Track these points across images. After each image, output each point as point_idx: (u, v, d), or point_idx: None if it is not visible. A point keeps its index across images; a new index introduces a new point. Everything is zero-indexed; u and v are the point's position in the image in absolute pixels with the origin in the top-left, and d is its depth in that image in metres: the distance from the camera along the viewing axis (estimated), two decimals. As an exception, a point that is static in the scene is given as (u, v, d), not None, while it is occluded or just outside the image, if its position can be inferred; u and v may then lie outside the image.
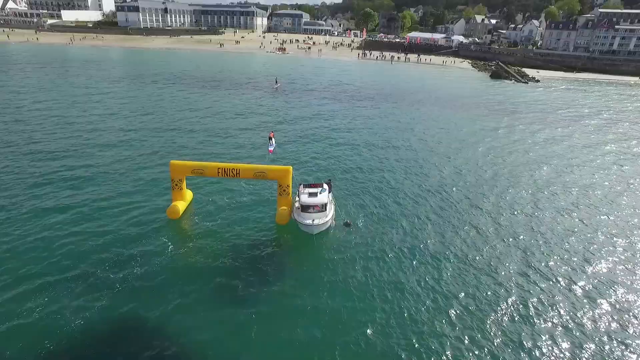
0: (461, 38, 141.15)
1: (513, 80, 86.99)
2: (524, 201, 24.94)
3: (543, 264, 18.53)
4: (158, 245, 17.96)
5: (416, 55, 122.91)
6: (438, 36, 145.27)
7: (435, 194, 25.05)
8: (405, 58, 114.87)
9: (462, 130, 41.79)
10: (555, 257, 19.16)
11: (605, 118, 53.76)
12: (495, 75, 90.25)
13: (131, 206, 21.17)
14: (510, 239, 20.44)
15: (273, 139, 31.48)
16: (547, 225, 22.22)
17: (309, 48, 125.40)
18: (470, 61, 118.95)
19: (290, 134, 36.41)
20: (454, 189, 26.01)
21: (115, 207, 20.93)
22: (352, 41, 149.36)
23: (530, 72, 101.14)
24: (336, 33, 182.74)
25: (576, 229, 22.00)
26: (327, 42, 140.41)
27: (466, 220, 22.06)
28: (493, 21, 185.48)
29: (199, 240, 18.60)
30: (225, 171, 19.04)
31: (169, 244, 18.07)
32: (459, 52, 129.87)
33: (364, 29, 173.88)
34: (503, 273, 17.69)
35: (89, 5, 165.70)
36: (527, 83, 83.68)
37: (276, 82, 62.41)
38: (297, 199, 20.03)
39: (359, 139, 36.34)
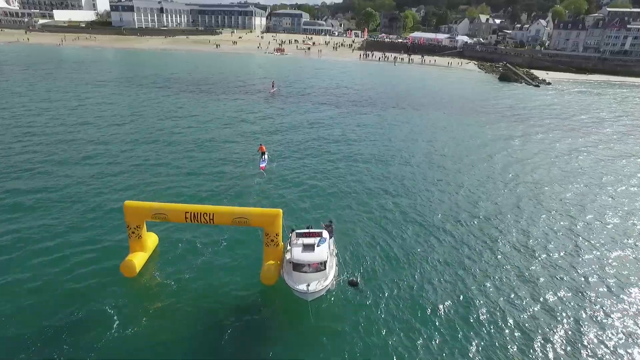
0: (466, 38, 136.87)
1: (523, 83, 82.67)
2: (560, 242, 20.37)
3: (603, 338, 14.24)
4: (105, 313, 13.68)
5: (420, 56, 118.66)
6: (442, 36, 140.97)
7: (452, 228, 20.75)
8: (409, 59, 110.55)
9: (473, 140, 37.52)
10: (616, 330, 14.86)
11: (627, 124, 49.47)
12: (504, 78, 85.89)
13: (78, 249, 16.92)
14: (551, 299, 16.13)
15: (265, 154, 27.40)
16: (597, 276, 17.90)
17: (309, 49, 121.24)
18: (476, 62, 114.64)
19: (284, 147, 32.16)
20: (474, 221, 21.68)
21: (56, 251, 16.67)
22: (353, 41, 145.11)
23: (539, 73, 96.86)
24: (336, 33, 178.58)
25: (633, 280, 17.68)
26: (327, 43, 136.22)
27: (492, 269, 17.74)
28: (497, 21, 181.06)
29: (162, 305, 14.28)
30: (194, 216, 14.55)
31: (122, 311, 13.78)
32: (463, 52, 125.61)
33: (365, 29, 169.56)
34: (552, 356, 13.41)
35: (83, 4, 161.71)
36: (538, 86, 79.30)
37: (272, 85, 58.27)
38: (288, 248, 15.40)
39: (362, 152, 32.08)
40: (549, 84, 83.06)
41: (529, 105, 58.58)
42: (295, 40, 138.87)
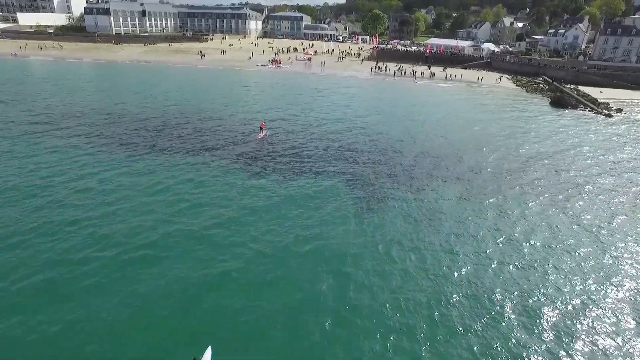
0: (491, 46, 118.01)
1: (586, 110, 63.90)
2: None
3: None
4: None
5: (442, 69, 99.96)
6: (464, 43, 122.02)
7: None
8: (430, 73, 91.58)
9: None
10: None
11: None
12: (557, 103, 66.98)
13: None
14: None
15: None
16: None
17: (310, 59, 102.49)
18: (509, 77, 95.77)
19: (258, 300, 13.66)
20: None
21: None
22: (361, 48, 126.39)
23: (589, 91, 78.35)
24: (341, 39, 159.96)
25: None
26: (331, 51, 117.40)
27: None
28: (520, 24, 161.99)
29: None
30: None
31: None
32: (491, 63, 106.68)
33: (374, 35, 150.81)
34: None
35: (55, 7, 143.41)
36: (611, 116, 60.25)
37: (261, 128, 40.05)
38: None
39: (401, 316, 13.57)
40: (619, 110, 64.23)
41: (632, 157, 39.79)
42: (294, 49, 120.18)
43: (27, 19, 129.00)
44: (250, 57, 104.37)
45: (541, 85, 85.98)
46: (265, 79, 77.41)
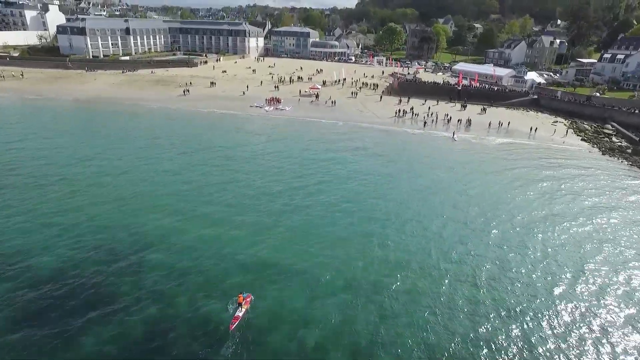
0: (535, 76, 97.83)
1: None
2: None
3: None
4: None
5: (479, 109, 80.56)
6: (501, 72, 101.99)
7: None
8: (467, 121, 71.85)
9: None
10: None
11: None
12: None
13: None
14: None
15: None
16: None
17: (317, 96, 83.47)
18: (565, 122, 76.03)
19: None
20: None
21: None
22: (380, 76, 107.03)
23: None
24: (353, 58, 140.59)
25: None
26: (342, 82, 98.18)
27: None
28: (557, 40, 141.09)
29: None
30: None
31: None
32: (539, 101, 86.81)
33: (391, 58, 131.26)
34: None
35: (28, 23, 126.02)
36: None
37: (239, 305, 22.00)
38: None
39: None
40: None
41: None
42: (298, 77, 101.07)
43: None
44: (244, 93, 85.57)
45: (616, 142, 66.13)
46: (258, 140, 58.27)
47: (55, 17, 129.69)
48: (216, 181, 42.62)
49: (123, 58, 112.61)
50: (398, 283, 27.49)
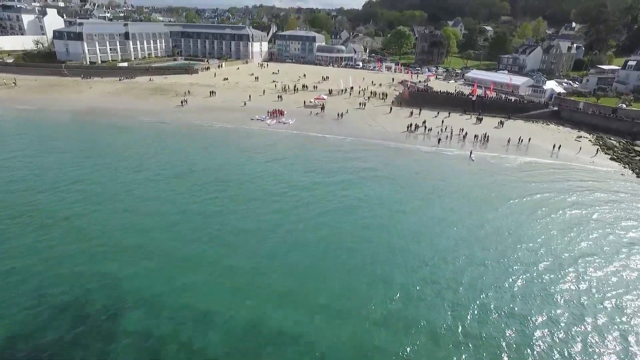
0: (554, 85, 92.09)
1: None
2: None
3: None
4: None
5: (497, 122, 75.29)
6: (518, 80, 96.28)
7: None
8: (484, 136, 66.47)
9: None
10: None
11: None
12: None
13: None
14: None
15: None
16: None
17: (323, 108, 78.50)
18: (590, 138, 70.53)
19: None
20: None
21: None
22: (389, 85, 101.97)
23: None
24: (361, 64, 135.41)
25: None
26: (350, 90, 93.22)
27: None
28: (571, 44, 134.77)
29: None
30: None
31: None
32: (560, 113, 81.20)
33: (400, 64, 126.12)
34: None
35: (25, 27, 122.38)
36: None
37: None
38: None
39: None
40: None
41: None
42: (303, 86, 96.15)
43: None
44: (245, 103, 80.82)
45: (650, 161, 60.44)
46: (257, 160, 53.38)
47: (53, 21, 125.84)
48: (208, 211, 37.98)
49: (121, 64, 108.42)
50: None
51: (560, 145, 63.53)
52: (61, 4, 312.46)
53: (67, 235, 33.06)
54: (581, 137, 71.13)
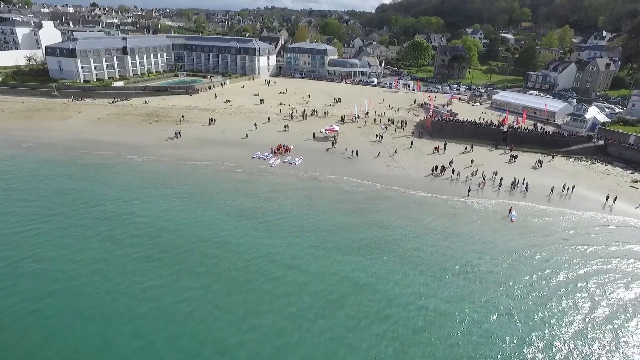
0: (596, 112, 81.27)
1: None
2: None
3: None
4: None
5: (535, 161, 65.19)
6: (554, 105, 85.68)
7: None
8: (522, 181, 56.42)
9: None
10: None
11: None
12: None
13: None
14: None
15: None
16: None
17: (334, 142, 69.12)
18: (647, 182, 60.02)
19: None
20: None
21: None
22: (409, 109, 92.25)
23: None
24: (375, 80, 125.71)
25: None
26: (365, 117, 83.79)
27: None
28: (608, 59, 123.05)
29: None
30: None
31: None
32: (606, 148, 70.57)
33: (419, 83, 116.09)
34: None
35: (20, 42, 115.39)
36: None
37: None
38: None
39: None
40: None
41: None
42: (313, 112, 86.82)
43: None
44: (247, 135, 71.97)
45: None
46: (249, 226, 44.30)
47: (49, 35, 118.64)
48: (182, 314, 29.03)
49: (117, 83, 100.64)
50: None
51: (616, 197, 53.16)
52: (70, 10, 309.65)
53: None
54: (637, 181, 60.66)
